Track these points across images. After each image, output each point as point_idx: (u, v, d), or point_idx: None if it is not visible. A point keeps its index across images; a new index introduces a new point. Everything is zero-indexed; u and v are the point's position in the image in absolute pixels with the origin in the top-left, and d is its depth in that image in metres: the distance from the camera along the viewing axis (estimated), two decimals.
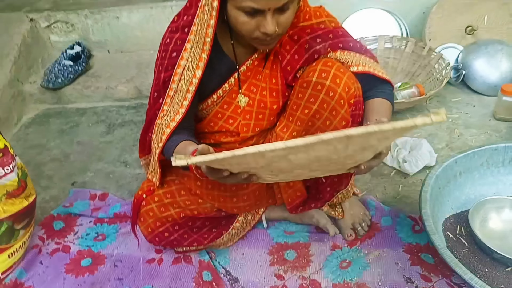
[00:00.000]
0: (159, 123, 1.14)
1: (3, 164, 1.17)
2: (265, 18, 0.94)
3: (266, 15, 0.94)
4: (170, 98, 1.11)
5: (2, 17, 2.25)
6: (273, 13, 0.94)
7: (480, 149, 1.29)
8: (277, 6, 0.93)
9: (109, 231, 1.40)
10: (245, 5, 0.92)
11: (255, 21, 0.96)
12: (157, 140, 1.14)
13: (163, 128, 1.12)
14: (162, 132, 1.12)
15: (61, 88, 2.08)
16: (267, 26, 0.95)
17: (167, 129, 1.10)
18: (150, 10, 2.19)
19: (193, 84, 1.08)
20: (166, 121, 1.12)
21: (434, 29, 1.96)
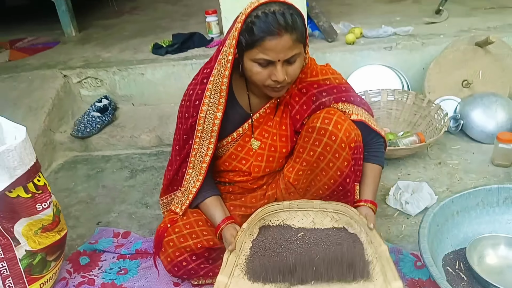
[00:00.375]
0: (194, 160, 1.32)
1: (42, 200, 1.30)
2: (276, 68, 1.11)
3: (277, 65, 1.11)
4: (199, 138, 1.28)
5: (39, 74, 2.49)
6: (283, 64, 1.12)
7: (475, 190, 1.39)
8: (286, 58, 1.11)
9: (131, 266, 1.51)
10: (258, 58, 1.10)
11: (267, 71, 1.13)
12: (195, 175, 1.32)
13: (199, 163, 1.31)
14: (200, 167, 1.31)
15: (89, 137, 2.26)
16: (277, 74, 1.12)
17: (204, 164, 1.31)
18: (172, 67, 2.42)
19: (216, 125, 1.26)
20: (200, 157, 1.31)
21: (433, 83, 2.12)
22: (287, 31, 1.08)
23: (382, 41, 2.33)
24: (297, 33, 1.10)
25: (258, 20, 1.08)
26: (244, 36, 1.11)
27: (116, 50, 2.72)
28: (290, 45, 1.09)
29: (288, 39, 1.08)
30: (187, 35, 2.64)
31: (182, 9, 3.70)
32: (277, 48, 1.09)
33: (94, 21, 3.57)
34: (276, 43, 1.08)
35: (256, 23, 1.08)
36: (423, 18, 2.58)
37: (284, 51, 1.10)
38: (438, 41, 2.26)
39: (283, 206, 1.33)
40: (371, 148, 1.37)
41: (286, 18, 1.07)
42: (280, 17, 1.07)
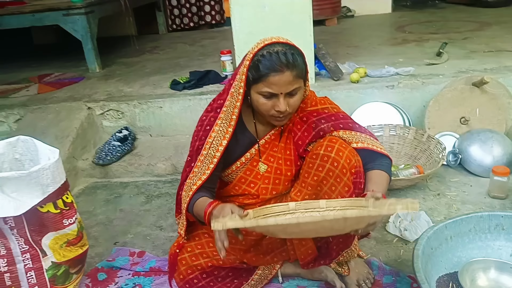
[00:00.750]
0: (188, 182, 1.41)
1: (68, 216, 1.44)
2: (279, 100, 1.27)
3: (280, 97, 1.26)
4: (200, 162, 1.40)
5: (65, 106, 2.68)
6: (285, 96, 1.27)
7: (467, 216, 1.49)
8: (288, 91, 1.26)
9: (145, 282, 1.61)
10: (263, 91, 1.26)
11: (271, 102, 1.28)
12: (185, 196, 1.41)
13: (190, 186, 1.39)
14: (189, 189, 1.38)
15: (109, 165, 2.42)
16: (280, 106, 1.27)
17: (194, 187, 1.37)
18: (188, 101, 2.60)
19: (219, 151, 1.37)
20: (194, 180, 1.39)
21: (433, 120, 2.25)
22: (288, 68, 1.23)
23: (384, 80, 2.49)
24: (297, 70, 1.25)
25: (264, 59, 1.24)
26: (251, 72, 1.27)
27: (137, 86, 2.92)
28: (291, 80, 1.25)
29: (289, 75, 1.24)
30: (203, 72, 2.83)
31: (199, 50, 3.94)
32: (279, 83, 1.24)
33: (117, 59, 3.83)
34: (278, 78, 1.23)
35: (261, 61, 1.24)
36: (424, 59, 2.74)
37: (286, 85, 1.25)
38: (438, 80, 2.41)
39: (289, 208, 1.32)
40: (376, 161, 1.41)
41: (288, 57, 1.23)
42: (282, 56, 1.23)
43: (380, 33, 3.88)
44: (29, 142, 1.49)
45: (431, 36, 3.50)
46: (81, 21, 3.20)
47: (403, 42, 3.40)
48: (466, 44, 3.12)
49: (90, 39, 3.26)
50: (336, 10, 4.52)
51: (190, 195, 1.36)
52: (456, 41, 3.23)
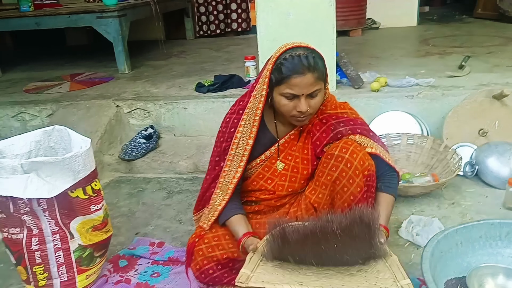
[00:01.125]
0: (223, 181, 1.51)
1: (96, 202, 1.54)
2: (300, 101, 1.34)
3: (301, 98, 1.34)
4: (230, 161, 1.49)
5: (95, 103, 2.81)
6: (306, 97, 1.34)
7: (478, 223, 1.52)
8: (309, 93, 1.33)
9: (163, 270, 1.69)
10: (286, 92, 1.34)
11: (293, 103, 1.35)
12: (222, 194, 1.50)
13: (227, 184, 1.50)
14: (227, 188, 1.49)
15: (134, 160, 2.52)
16: (301, 106, 1.34)
17: (231, 185, 1.48)
18: (212, 103, 2.69)
19: (247, 150, 1.47)
20: (229, 178, 1.50)
21: (451, 131, 2.28)
22: (309, 71, 1.31)
23: (404, 90, 2.53)
24: (318, 73, 1.33)
25: (286, 62, 1.32)
26: (274, 74, 1.35)
27: (164, 87, 3.04)
28: (312, 82, 1.32)
29: (310, 77, 1.31)
30: (227, 76, 2.93)
31: (224, 55, 4.05)
32: (301, 84, 1.31)
33: (145, 61, 3.97)
34: (300, 80, 1.31)
35: (284, 64, 1.32)
36: (446, 72, 2.77)
37: (307, 87, 1.32)
38: (458, 92, 2.44)
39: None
40: (385, 179, 1.52)
41: (309, 60, 1.31)
42: (304, 59, 1.30)
43: (403, 45, 3.91)
44: (64, 131, 1.60)
45: (454, 49, 3.52)
46: (114, 23, 3.35)
47: (426, 55, 3.43)
48: (490, 58, 3.13)
49: (121, 41, 3.41)
50: (361, 21, 4.58)
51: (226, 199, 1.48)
52: (479, 55, 3.24)
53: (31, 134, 1.58)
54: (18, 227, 1.46)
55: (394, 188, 1.54)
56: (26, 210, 1.43)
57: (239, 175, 1.48)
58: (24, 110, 2.89)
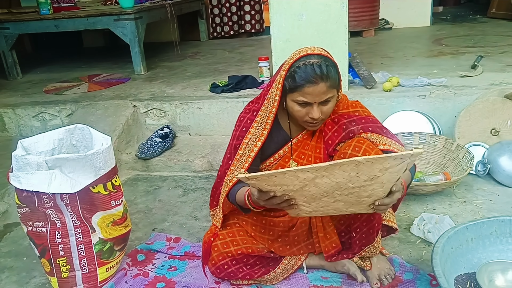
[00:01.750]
0: (227, 179, 1.55)
1: (116, 198, 1.60)
2: (313, 108, 1.38)
3: (313, 106, 1.38)
4: (237, 161, 1.53)
5: (112, 103, 2.89)
6: (318, 105, 1.38)
7: (489, 219, 1.55)
8: (321, 101, 1.37)
9: (180, 265, 1.75)
10: (299, 99, 1.38)
11: (305, 110, 1.39)
12: (223, 191, 1.54)
13: (227, 183, 1.53)
14: (227, 186, 1.52)
15: (150, 159, 2.59)
16: (313, 113, 1.38)
17: (230, 183, 1.50)
18: (226, 103, 2.74)
19: (254, 152, 1.50)
20: (231, 177, 1.53)
21: (463, 129, 2.30)
22: (322, 80, 1.34)
23: (417, 90, 2.55)
24: (331, 81, 1.36)
25: (300, 70, 1.35)
26: (287, 81, 1.39)
27: (179, 88, 3.10)
28: (325, 91, 1.36)
29: (323, 86, 1.35)
30: (241, 77, 2.98)
31: (237, 56, 4.11)
32: (314, 93, 1.35)
33: (161, 63, 4.05)
34: (313, 89, 1.35)
35: (297, 72, 1.36)
36: (458, 71, 2.78)
37: (319, 95, 1.36)
38: (470, 92, 2.45)
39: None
40: None
41: (322, 69, 1.34)
42: (317, 69, 1.34)
43: (416, 45, 3.91)
44: (85, 130, 1.67)
45: (467, 49, 3.52)
46: (130, 26, 3.43)
47: (438, 54, 3.43)
48: (503, 58, 3.12)
49: (137, 43, 3.48)
50: (374, 22, 4.59)
51: (227, 190, 1.49)
52: (493, 55, 3.24)
53: (54, 132, 1.65)
54: (42, 221, 1.53)
55: (411, 169, 1.49)
56: (50, 205, 1.49)
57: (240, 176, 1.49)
58: (44, 110, 2.98)
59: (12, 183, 1.46)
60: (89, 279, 1.59)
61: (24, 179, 1.44)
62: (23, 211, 1.54)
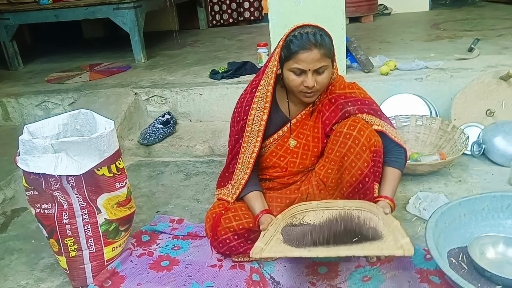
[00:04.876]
0: (243, 157, 1.61)
1: (120, 180, 1.65)
2: (307, 76, 1.42)
3: (308, 74, 1.42)
4: (248, 137, 1.59)
5: (114, 91, 2.93)
6: (313, 73, 1.42)
7: (481, 195, 1.60)
8: (315, 68, 1.42)
9: (183, 244, 1.81)
10: (294, 67, 1.43)
11: (300, 79, 1.44)
12: (244, 169, 1.61)
13: (247, 159, 1.60)
14: (247, 162, 1.60)
15: (152, 145, 2.64)
16: (308, 81, 1.43)
17: (251, 159, 1.59)
18: (226, 90, 2.78)
19: (262, 125, 1.56)
20: (248, 153, 1.60)
21: (459, 111, 2.34)
22: (316, 47, 1.39)
23: (414, 73, 2.58)
24: (325, 49, 1.41)
25: (295, 38, 1.40)
26: (284, 51, 1.44)
27: (179, 75, 3.14)
28: (319, 58, 1.40)
29: (317, 52, 1.39)
30: (240, 63, 3.02)
31: (237, 43, 4.14)
32: (308, 60, 1.40)
33: (161, 51, 4.08)
34: (307, 55, 1.40)
35: (293, 41, 1.41)
36: (455, 55, 2.81)
37: (313, 62, 1.41)
38: (466, 74, 2.49)
39: (311, 206, 1.57)
40: (391, 154, 1.59)
41: (316, 37, 1.39)
42: (311, 36, 1.39)
43: (414, 29, 3.93)
44: (89, 114, 1.72)
45: (465, 33, 3.54)
46: (130, 14, 3.46)
47: (436, 39, 3.46)
48: (499, 41, 3.15)
49: (137, 31, 3.52)
50: (372, 7, 4.60)
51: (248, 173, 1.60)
52: (490, 38, 3.26)
53: (59, 117, 1.70)
54: (50, 202, 1.58)
55: (400, 163, 1.61)
56: (56, 187, 1.55)
57: (258, 149, 1.57)
58: (47, 99, 3.03)
59: (20, 166, 1.51)
60: (96, 258, 1.64)
61: (31, 162, 1.49)
62: (31, 194, 1.59)
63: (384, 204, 1.51)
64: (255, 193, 1.62)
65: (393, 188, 1.58)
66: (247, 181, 1.61)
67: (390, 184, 1.58)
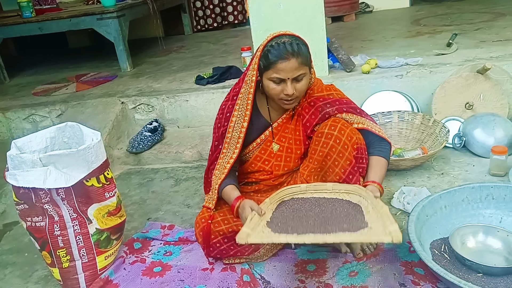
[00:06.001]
0: (221, 162, 1.64)
1: (109, 190, 1.68)
2: (287, 84, 1.46)
3: (287, 82, 1.47)
4: (228, 143, 1.63)
5: (101, 101, 2.96)
6: (292, 81, 1.47)
7: (460, 187, 1.66)
8: (294, 77, 1.46)
9: (174, 249, 1.84)
10: (273, 77, 1.47)
11: (280, 87, 1.48)
12: (219, 174, 1.63)
13: (224, 164, 1.63)
14: (223, 167, 1.63)
15: (141, 153, 2.67)
16: (288, 89, 1.47)
17: (227, 165, 1.62)
18: (212, 94, 2.82)
19: (242, 133, 1.60)
20: (226, 159, 1.63)
21: (439, 106, 2.40)
22: (293, 56, 1.43)
23: (394, 70, 2.64)
24: (302, 57, 1.45)
25: (272, 48, 1.45)
26: (262, 61, 1.48)
27: (165, 82, 3.17)
28: (297, 67, 1.45)
29: (294, 61, 1.44)
30: (225, 68, 3.06)
31: (222, 48, 4.17)
32: (286, 69, 1.44)
33: (146, 59, 4.11)
34: (285, 65, 1.44)
35: (271, 51, 1.45)
36: (433, 50, 2.88)
37: (292, 71, 1.45)
38: (445, 69, 2.55)
39: (300, 189, 1.56)
40: (376, 146, 1.62)
41: (293, 47, 1.43)
42: (288, 46, 1.43)
43: (395, 26, 4.00)
44: (75, 127, 1.75)
45: (444, 28, 3.61)
46: (114, 24, 3.48)
47: (416, 35, 3.52)
48: (477, 35, 3.22)
49: (122, 40, 3.54)
50: (354, 6, 4.67)
51: (226, 173, 1.60)
52: (468, 32, 3.34)
53: (46, 131, 1.73)
54: (40, 215, 1.61)
55: (386, 153, 1.63)
56: (46, 200, 1.57)
57: (236, 156, 1.61)
58: (34, 112, 3.04)
59: (9, 181, 1.54)
60: (89, 267, 1.67)
61: (20, 176, 1.52)
62: (22, 208, 1.61)
63: (373, 188, 1.51)
64: (229, 186, 1.61)
65: (380, 174, 1.58)
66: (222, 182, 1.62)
67: (377, 171, 1.58)
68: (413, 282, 1.48)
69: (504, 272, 1.42)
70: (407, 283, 1.49)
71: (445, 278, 1.28)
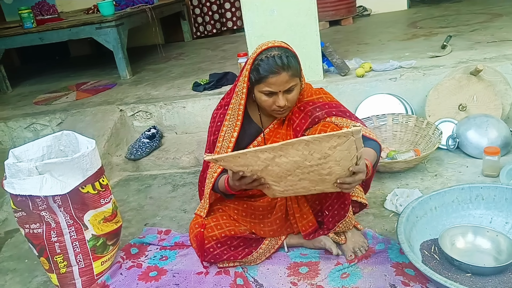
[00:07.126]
0: (210, 171, 1.67)
1: (105, 196, 1.72)
2: (278, 97, 1.50)
3: (279, 95, 1.49)
4: (217, 153, 1.65)
5: (100, 109, 3.01)
6: (283, 93, 1.50)
7: (450, 188, 1.67)
8: (285, 89, 1.49)
9: (170, 254, 1.87)
10: (264, 90, 1.50)
11: (272, 99, 1.51)
12: (208, 182, 1.66)
13: (212, 173, 1.65)
14: (212, 176, 1.65)
15: (140, 159, 2.71)
16: (279, 101, 1.50)
17: (215, 174, 1.64)
18: (208, 101, 2.86)
19: (232, 142, 1.63)
20: (214, 168, 1.65)
21: (432, 108, 2.42)
22: (284, 70, 1.46)
23: (388, 73, 2.66)
24: (292, 70, 1.48)
25: (263, 63, 1.47)
26: (253, 74, 1.50)
27: (163, 89, 3.22)
28: (287, 79, 1.47)
29: (285, 75, 1.47)
30: (221, 74, 3.09)
31: (220, 54, 4.22)
32: (277, 83, 1.47)
33: (146, 66, 4.16)
34: (276, 79, 1.47)
35: (261, 65, 1.47)
36: (427, 53, 2.90)
37: (283, 84, 1.48)
38: (438, 71, 2.57)
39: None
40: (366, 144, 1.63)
41: (283, 60, 1.46)
42: (278, 60, 1.46)
43: (392, 29, 4.02)
44: (71, 135, 1.79)
45: (440, 30, 3.63)
46: (112, 33, 3.53)
47: (412, 37, 3.54)
48: (472, 36, 3.23)
49: (121, 49, 3.59)
50: (351, 10, 4.70)
51: (213, 181, 1.63)
52: (463, 33, 3.35)
53: (42, 140, 1.77)
54: (38, 222, 1.65)
55: (376, 148, 1.59)
56: (43, 207, 1.61)
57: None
58: (35, 121, 3.09)
59: (7, 190, 1.58)
60: (86, 272, 1.71)
61: (17, 184, 1.56)
62: (20, 215, 1.65)
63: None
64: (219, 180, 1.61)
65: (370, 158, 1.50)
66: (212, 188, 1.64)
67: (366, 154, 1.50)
68: (403, 283, 1.50)
69: (493, 271, 1.44)
70: (398, 284, 1.51)
71: (433, 278, 1.30)
